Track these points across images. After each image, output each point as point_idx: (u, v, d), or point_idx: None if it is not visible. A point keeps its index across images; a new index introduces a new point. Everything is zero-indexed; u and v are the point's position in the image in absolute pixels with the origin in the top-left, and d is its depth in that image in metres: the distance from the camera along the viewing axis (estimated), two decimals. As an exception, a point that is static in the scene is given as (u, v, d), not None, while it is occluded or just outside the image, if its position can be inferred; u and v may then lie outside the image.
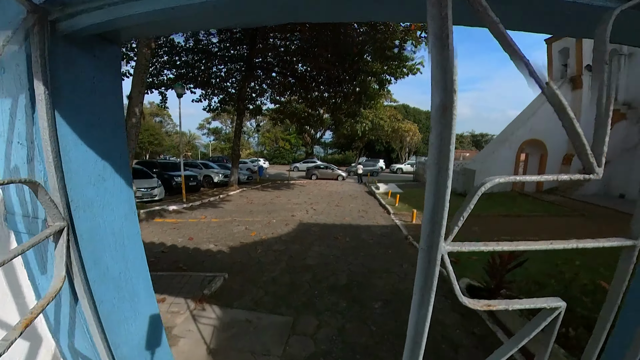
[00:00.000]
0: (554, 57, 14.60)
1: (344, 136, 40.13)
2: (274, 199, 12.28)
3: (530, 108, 14.09)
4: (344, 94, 14.91)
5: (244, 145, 48.73)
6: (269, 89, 18.30)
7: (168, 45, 13.46)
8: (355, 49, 9.85)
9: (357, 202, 12.20)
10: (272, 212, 9.31)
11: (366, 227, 7.82)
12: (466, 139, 64.79)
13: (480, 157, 14.06)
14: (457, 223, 0.46)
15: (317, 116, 19.74)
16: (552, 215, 9.73)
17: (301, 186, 18.36)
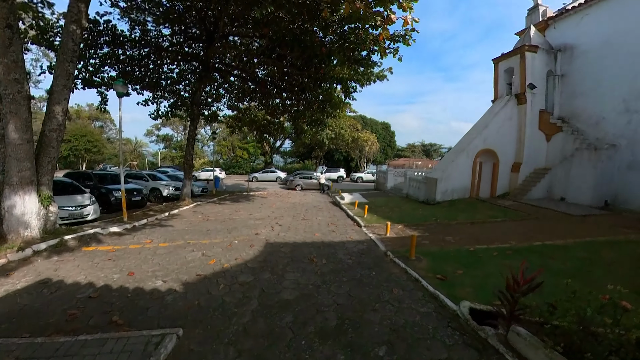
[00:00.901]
0: (500, 75, 15.73)
1: (304, 145, 39.71)
2: (233, 214, 11.09)
3: (483, 120, 14.91)
4: (308, 102, 14.36)
5: (197, 154, 45.70)
6: (226, 93, 17.08)
7: (109, 34, 11.70)
8: (323, 48, 9.34)
9: (324, 215, 11.57)
10: (232, 231, 8.22)
11: (340, 243, 7.19)
12: (417, 148, 68.64)
13: (441, 165, 14.45)
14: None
15: (278, 124, 18.94)
16: (512, 220, 10.15)
17: (262, 198, 17.25)
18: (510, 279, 3.26)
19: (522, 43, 14.47)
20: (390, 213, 11.47)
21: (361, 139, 35.28)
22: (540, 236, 7.88)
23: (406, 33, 8.64)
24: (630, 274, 5.35)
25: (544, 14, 15.84)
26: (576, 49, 14.30)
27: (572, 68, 14.45)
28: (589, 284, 4.55)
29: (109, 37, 11.92)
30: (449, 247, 6.92)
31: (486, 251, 6.60)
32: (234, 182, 30.54)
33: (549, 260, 5.95)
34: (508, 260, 5.95)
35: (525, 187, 14.06)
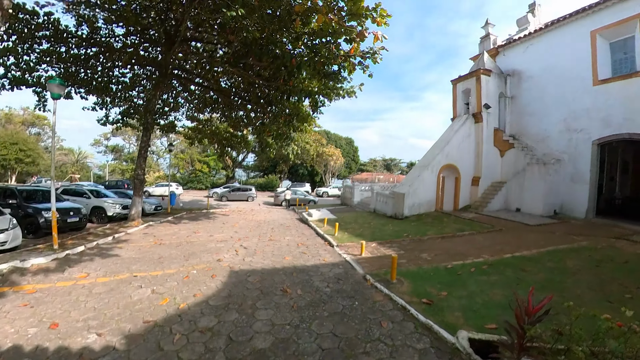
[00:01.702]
0: (458, 95, 16.67)
1: (268, 159, 38.76)
2: (191, 236, 9.93)
3: (445, 137, 15.53)
4: (274, 115, 13.79)
5: (152, 167, 42.38)
6: (186, 103, 15.89)
7: (51, 29, 10.21)
8: (293, 60, 8.93)
9: (292, 234, 10.87)
10: (190, 257, 7.19)
11: (314, 268, 6.57)
12: (379, 162, 70.93)
13: (408, 180, 14.65)
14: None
15: (241, 137, 18.03)
16: (479, 233, 10.40)
17: (224, 215, 16.03)
18: (519, 308, 2.94)
19: (477, 67, 15.51)
20: (361, 230, 11.14)
21: (326, 153, 35.38)
22: (508, 248, 8.13)
23: (376, 51, 8.61)
24: (595, 280, 5.65)
25: (494, 42, 17.26)
26: (523, 74, 15.66)
27: (520, 91, 15.77)
28: (566, 296, 4.76)
29: (50, 32, 10.42)
30: (427, 266, 6.69)
31: (463, 267, 6.50)
32: (192, 198, 28.51)
33: (522, 273, 6.06)
34: (486, 276, 5.93)
35: (484, 200, 14.73)
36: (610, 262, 6.83)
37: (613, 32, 12.61)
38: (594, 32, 13.02)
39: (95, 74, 12.58)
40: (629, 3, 11.93)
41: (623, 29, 12.30)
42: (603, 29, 12.79)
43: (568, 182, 13.53)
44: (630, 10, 11.94)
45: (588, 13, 13.13)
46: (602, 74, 12.85)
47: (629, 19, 12.02)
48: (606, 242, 8.72)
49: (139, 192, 12.01)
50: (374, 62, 8.81)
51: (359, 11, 7.39)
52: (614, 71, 12.79)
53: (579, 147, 13.30)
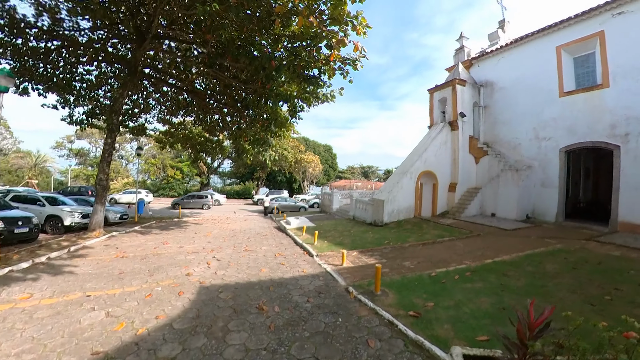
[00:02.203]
0: (434, 104, 17.03)
1: (245, 166, 37.79)
2: (159, 248, 9.12)
3: (422, 144, 15.71)
4: (251, 119, 13.30)
5: (120, 172, 40.00)
6: (157, 105, 14.98)
7: (5, 17, 9.22)
8: (273, 62, 8.57)
9: (269, 243, 10.35)
10: (155, 272, 6.50)
11: (293, 280, 6.13)
12: (357, 170, 71.57)
13: (387, 187, 14.60)
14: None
15: (217, 142, 17.30)
16: (459, 239, 10.43)
17: (196, 224, 15.15)
18: (521, 323, 2.70)
19: (453, 77, 15.93)
20: (341, 238, 10.83)
21: (305, 160, 35.06)
22: (489, 253, 8.17)
23: (356, 58, 8.48)
24: (574, 283, 5.74)
25: (468, 54, 17.89)
26: (495, 84, 16.27)
27: (493, 101, 16.35)
28: (550, 301, 4.82)
29: (5, 21, 9.39)
30: (410, 274, 6.48)
31: (447, 275, 6.37)
32: (163, 205, 27.05)
33: (505, 279, 6.06)
34: (470, 283, 5.82)
35: (461, 206, 14.96)
36: (585, 263, 7.04)
37: (576, 48, 13.38)
38: (559, 47, 13.77)
39: (57, 70, 11.52)
40: (590, 22, 12.75)
41: (585, 46, 13.09)
42: (567, 45, 13.56)
43: (539, 188, 14.09)
44: (591, 28, 12.75)
45: (553, 30, 13.89)
46: (567, 86, 13.57)
47: (590, 37, 12.82)
48: (578, 244, 9.08)
49: (102, 200, 11.00)
50: (354, 69, 8.66)
51: (340, 16, 7.22)
52: (577, 84, 13.54)
53: (548, 154, 13.90)
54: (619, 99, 11.90)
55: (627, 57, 11.76)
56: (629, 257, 7.63)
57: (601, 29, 12.50)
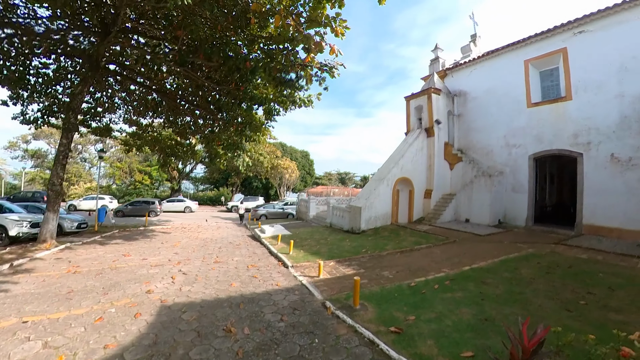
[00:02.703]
0: (411, 112, 17.30)
1: (219, 171, 36.53)
2: (118, 260, 8.28)
3: (399, 151, 15.83)
4: (225, 122, 12.72)
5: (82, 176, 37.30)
6: (124, 104, 13.97)
7: None
8: (248, 63, 8.16)
9: (242, 254, 9.78)
10: (111, 290, 5.79)
11: (265, 295, 5.68)
12: (334, 176, 71.72)
13: (364, 194, 14.49)
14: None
15: (188, 146, 16.44)
16: (435, 245, 10.46)
17: (164, 234, 14.19)
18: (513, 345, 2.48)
19: (429, 86, 16.28)
20: (318, 247, 10.47)
21: (281, 166, 34.45)
22: (466, 260, 8.21)
23: (334, 65, 8.30)
24: (550, 288, 5.86)
25: (443, 65, 18.45)
26: (468, 94, 16.82)
27: (466, 109, 16.86)
28: (530, 309, 4.91)
29: None
30: (389, 285, 6.25)
31: (426, 285, 6.23)
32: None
33: (484, 287, 6.02)
34: (450, 292, 5.72)
35: (437, 212, 15.15)
36: (557, 267, 7.29)
37: (542, 62, 14.13)
38: (527, 61, 14.48)
39: (7, 61, 10.38)
40: (554, 39, 13.52)
41: (550, 61, 13.85)
42: (534, 60, 14.29)
43: (510, 193, 14.61)
44: (555, 45, 13.52)
45: (521, 45, 14.59)
46: (534, 97, 14.26)
47: (554, 53, 13.58)
48: (548, 248, 9.46)
49: (54, 207, 9.93)
50: (331, 77, 8.46)
51: (318, 18, 7.00)
52: (543, 96, 14.27)
53: (518, 161, 14.48)
54: (581, 110, 12.64)
55: (587, 72, 12.55)
56: (596, 260, 8.07)
57: (564, 45, 13.29)
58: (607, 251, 8.95)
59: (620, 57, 11.71)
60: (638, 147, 11.13)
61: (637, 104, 11.27)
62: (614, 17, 11.94)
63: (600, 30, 12.33)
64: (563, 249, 9.51)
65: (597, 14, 12.26)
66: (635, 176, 11.11)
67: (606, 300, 5.22)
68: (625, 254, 8.57)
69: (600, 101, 12.16)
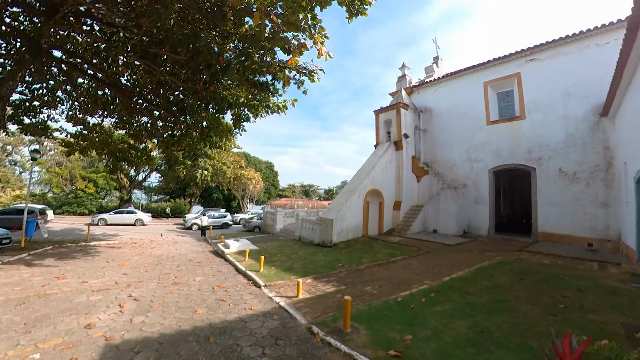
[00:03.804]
0: (380, 125, 17.56)
1: (176, 180, 33.96)
2: (50, 285, 6.73)
3: (369, 163, 15.83)
4: (187, 126, 11.60)
5: (10, 182, 32.23)
6: (68, 99, 12.09)
7: None
8: (221, 58, 7.40)
9: (205, 272, 8.67)
10: (37, 326, 4.50)
11: (239, 323, 4.85)
12: (297, 188, 71.12)
13: (335, 205, 14.09)
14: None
15: (143, 151, 14.79)
16: (411, 257, 10.37)
17: (111, 249, 12.37)
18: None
19: (397, 101, 16.69)
20: (290, 262, 9.71)
21: (245, 176, 33.00)
22: (444, 270, 8.26)
23: (313, 69, 7.91)
24: (529, 294, 6.06)
25: (409, 82, 19.21)
26: (434, 111, 17.55)
27: (432, 125, 17.54)
28: (519, 316, 4.99)
29: None
30: (376, 302, 5.83)
31: (413, 299, 5.98)
32: (69, 225, 22.18)
33: (469, 296, 6.03)
34: (439, 305, 5.58)
35: (406, 223, 15.26)
36: (528, 273, 7.71)
37: (499, 84, 15.26)
38: (486, 83, 15.53)
39: None
40: (509, 64, 14.73)
41: (506, 83, 15.02)
42: (492, 82, 15.37)
43: (472, 204, 15.27)
44: (510, 70, 14.71)
45: (481, 68, 15.66)
46: (492, 115, 15.26)
47: (509, 77, 14.75)
48: (514, 255, 10.01)
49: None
50: (311, 81, 8.05)
51: (298, 22, 6.59)
52: (500, 114, 15.33)
53: (479, 174, 15.26)
54: (533, 128, 13.74)
55: (538, 95, 13.76)
56: (558, 264, 8.70)
57: (518, 70, 14.50)
58: (565, 256, 9.77)
59: (565, 83, 13.03)
60: (581, 162, 12.35)
61: (580, 124, 12.54)
62: (559, 49, 13.30)
63: (548, 59, 13.63)
64: (527, 255, 10.14)
65: (545, 45, 13.57)
66: (579, 188, 12.27)
67: (580, 302, 5.53)
68: (580, 257, 9.47)
69: (550, 121, 13.34)
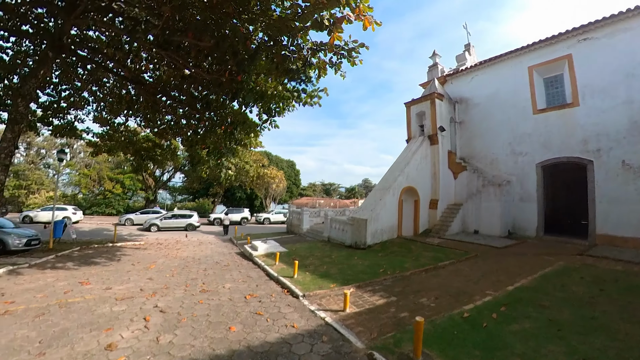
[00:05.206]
0: (412, 118, 16.38)
1: (200, 180, 34.10)
2: (72, 292, 6.25)
3: (403, 158, 14.73)
4: (212, 122, 11.06)
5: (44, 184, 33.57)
6: (95, 100, 11.94)
7: None
8: (248, 42, 6.69)
9: (234, 278, 7.99)
10: (52, 346, 3.86)
11: (283, 346, 4.04)
12: (318, 187, 70.44)
13: (369, 204, 13.12)
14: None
15: (167, 149, 14.48)
16: (458, 261, 9.28)
17: (136, 250, 12.07)
18: None
19: (431, 91, 15.45)
20: (325, 267, 8.85)
21: (268, 175, 32.57)
22: (503, 278, 7.23)
23: (354, 48, 6.88)
24: (618, 309, 5.08)
25: (442, 71, 17.87)
26: (470, 101, 16.15)
27: (469, 116, 16.15)
28: (616, 336, 4.15)
29: None
30: (438, 318, 4.91)
31: (481, 314, 5.02)
32: (97, 225, 22.53)
33: (548, 311, 5.10)
34: (516, 324, 4.65)
35: (444, 223, 14.07)
36: (604, 282, 6.59)
37: (546, 69, 13.70)
38: (531, 67, 14.02)
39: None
40: (558, 45, 13.15)
41: (554, 67, 13.41)
42: (538, 66, 13.84)
43: (518, 202, 13.85)
44: (559, 52, 13.14)
45: (525, 51, 14.16)
46: (539, 104, 13.73)
47: (558, 59, 13.17)
48: (578, 261, 8.81)
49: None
50: (351, 64, 7.08)
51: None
52: (548, 102, 13.77)
53: (525, 169, 13.81)
54: (589, 116, 12.16)
55: (593, 78, 12.16)
56: (634, 272, 7.48)
57: (568, 52, 12.89)
58: (636, 262, 8.43)
59: (627, 63, 11.43)
60: (650, 154, 10.70)
61: (648, 110, 10.89)
62: (619, 25, 11.69)
63: (605, 37, 12.04)
64: (592, 260, 8.88)
65: (601, 21, 11.98)
66: (647, 183, 10.63)
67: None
68: (656, 265, 8.10)
69: (609, 107, 11.74)
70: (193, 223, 22.09)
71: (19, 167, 34.41)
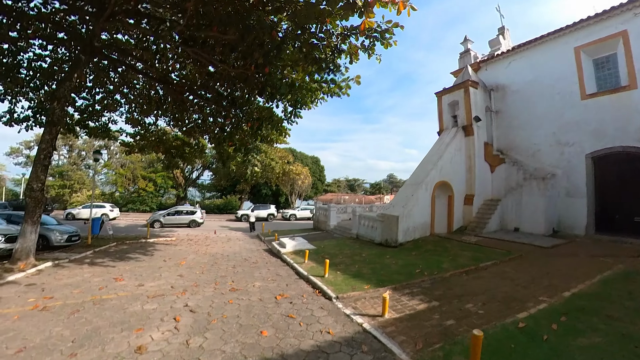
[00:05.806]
0: (444, 109, 15.44)
1: (227, 177, 34.80)
2: (107, 288, 6.32)
3: (436, 151, 13.94)
4: (238, 119, 10.96)
5: (86, 184, 35.82)
6: (126, 102, 12.31)
7: None
8: (274, 32, 6.40)
9: (263, 276, 7.81)
10: (84, 346, 3.78)
11: (319, 356, 3.69)
12: (342, 183, 69.87)
13: (400, 200, 12.49)
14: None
15: (196, 146, 14.67)
16: (502, 262, 8.49)
17: (167, 246, 12.33)
18: None
19: (465, 79, 14.44)
20: (356, 266, 8.44)
21: (293, 172, 32.55)
22: (557, 282, 6.47)
23: (388, 29, 6.36)
24: None
25: (475, 57, 16.67)
26: (507, 88, 14.95)
27: (506, 105, 14.97)
28: None
29: None
30: (489, 327, 4.38)
31: (538, 324, 4.42)
32: (131, 222, 23.59)
33: (617, 324, 4.37)
34: (583, 337, 4.01)
35: (481, 220, 13.16)
36: None
37: (595, 49, 12.30)
38: (577, 48, 12.65)
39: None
40: (610, 22, 11.72)
41: (606, 47, 12.00)
42: (586, 46, 12.45)
43: (564, 198, 12.64)
44: (611, 28, 11.72)
45: (570, 30, 12.81)
46: (588, 88, 12.38)
47: (611, 37, 11.75)
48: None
49: (34, 217, 8.10)
50: (385, 46, 6.57)
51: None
52: (598, 86, 12.38)
53: (572, 161, 12.56)
54: (649, 100, 10.75)
55: (655, 57, 10.70)
56: None
57: (623, 28, 11.46)
58: None
59: (698, 37, 9.92)
60: None
61: None
62: (687, -7, 10.16)
63: (670, 8, 10.54)
64: None
65: (666, -11, 10.49)
66: None
67: None
68: None
69: (676, 88, 10.29)
70: (196, 219, 21.44)
71: (62, 168, 36.91)
